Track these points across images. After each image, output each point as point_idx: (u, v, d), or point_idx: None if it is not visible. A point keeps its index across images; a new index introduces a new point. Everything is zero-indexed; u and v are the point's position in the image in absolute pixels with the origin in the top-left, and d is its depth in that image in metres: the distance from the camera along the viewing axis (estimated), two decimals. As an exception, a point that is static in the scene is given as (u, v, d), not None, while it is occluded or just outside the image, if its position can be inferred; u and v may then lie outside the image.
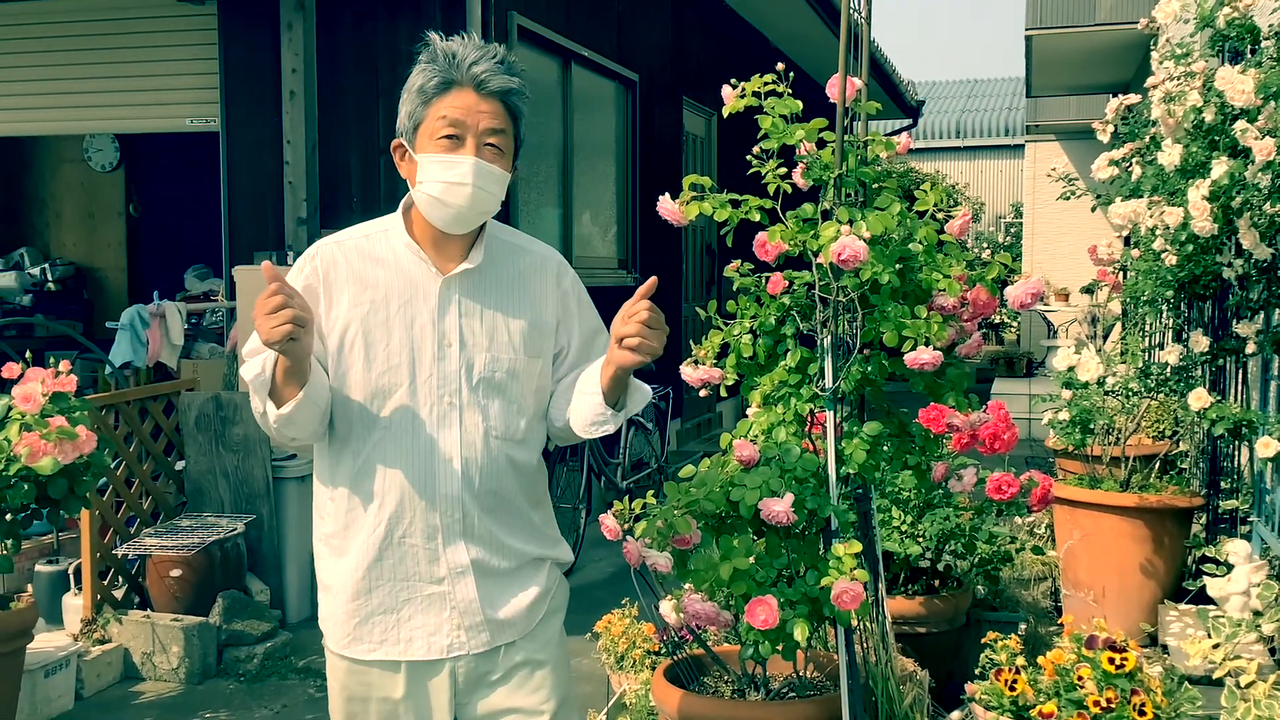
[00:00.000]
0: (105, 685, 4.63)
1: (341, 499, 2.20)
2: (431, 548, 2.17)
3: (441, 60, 2.12)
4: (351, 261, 2.18)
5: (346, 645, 2.21)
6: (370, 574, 2.18)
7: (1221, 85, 3.58)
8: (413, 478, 2.16)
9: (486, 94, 2.12)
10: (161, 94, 6.74)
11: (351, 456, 2.17)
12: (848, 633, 2.81)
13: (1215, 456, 5.09)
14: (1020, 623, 4.28)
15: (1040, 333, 13.94)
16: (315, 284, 2.16)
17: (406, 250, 2.19)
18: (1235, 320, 4.49)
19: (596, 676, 4.49)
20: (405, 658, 2.19)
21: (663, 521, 2.63)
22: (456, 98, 2.11)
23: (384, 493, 2.16)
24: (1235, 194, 3.84)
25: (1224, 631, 3.59)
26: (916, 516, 4.03)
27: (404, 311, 2.15)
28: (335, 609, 2.22)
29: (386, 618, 2.19)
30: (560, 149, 7.50)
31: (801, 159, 2.89)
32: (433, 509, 2.16)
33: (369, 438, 2.16)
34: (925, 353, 2.69)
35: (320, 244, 2.22)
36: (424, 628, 2.19)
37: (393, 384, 2.15)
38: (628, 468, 6.92)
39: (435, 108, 2.11)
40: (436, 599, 2.19)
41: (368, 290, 2.16)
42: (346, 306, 2.15)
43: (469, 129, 2.11)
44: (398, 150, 2.21)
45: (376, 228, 2.24)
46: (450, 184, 2.10)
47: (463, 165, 2.10)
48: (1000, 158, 23.28)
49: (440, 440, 2.16)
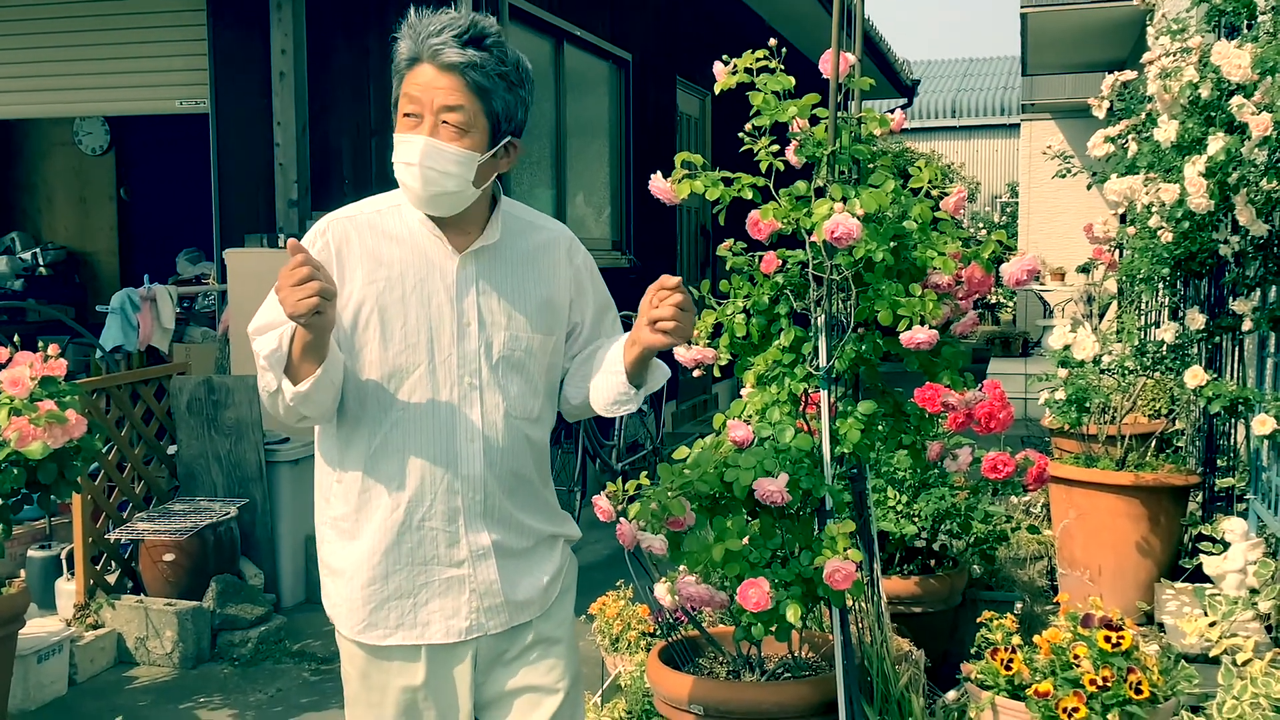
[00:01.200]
0: (99, 670, 4.61)
1: (354, 482, 2.15)
2: (452, 530, 2.14)
3: (410, 34, 2.07)
4: (364, 237, 2.12)
5: (361, 631, 2.16)
6: (387, 558, 2.13)
7: (1218, 60, 3.55)
8: (434, 459, 2.11)
9: (442, 68, 2.04)
10: (151, 76, 6.70)
11: (366, 438, 2.12)
12: (842, 613, 2.80)
13: (1211, 434, 5.08)
14: (1016, 602, 4.27)
15: (1036, 312, 13.91)
16: (328, 259, 2.10)
17: (421, 226, 2.13)
18: (1232, 297, 4.46)
19: (591, 658, 4.48)
20: (423, 642, 2.15)
21: (656, 503, 2.61)
22: (418, 74, 2.05)
23: (402, 475, 2.11)
24: (1232, 170, 3.81)
25: (1220, 609, 3.58)
26: (912, 496, 4.02)
27: (420, 289, 2.10)
28: (348, 594, 2.17)
29: (403, 602, 2.14)
30: (553, 130, 7.45)
31: (794, 136, 2.86)
32: (454, 491, 2.12)
33: (385, 418, 2.11)
34: (920, 331, 2.67)
35: (330, 218, 2.16)
36: (441, 611, 2.15)
37: (411, 363, 2.10)
38: (623, 450, 6.91)
39: (403, 85, 2.08)
40: (455, 582, 2.15)
41: (382, 267, 2.10)
42: (360, 284, 2.10)
43: (426, 106, 2.05)
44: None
45: (388, 202, 2.18)
46: (403, 164, 2.06)
47: (413, 144, 2.04)
48: (996, 137, 23.22)
49: (461, 421, 2.12)
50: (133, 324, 6.37)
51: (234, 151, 6.37)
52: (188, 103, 6.56)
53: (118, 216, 10.13)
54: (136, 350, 6.31)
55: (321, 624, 5.01)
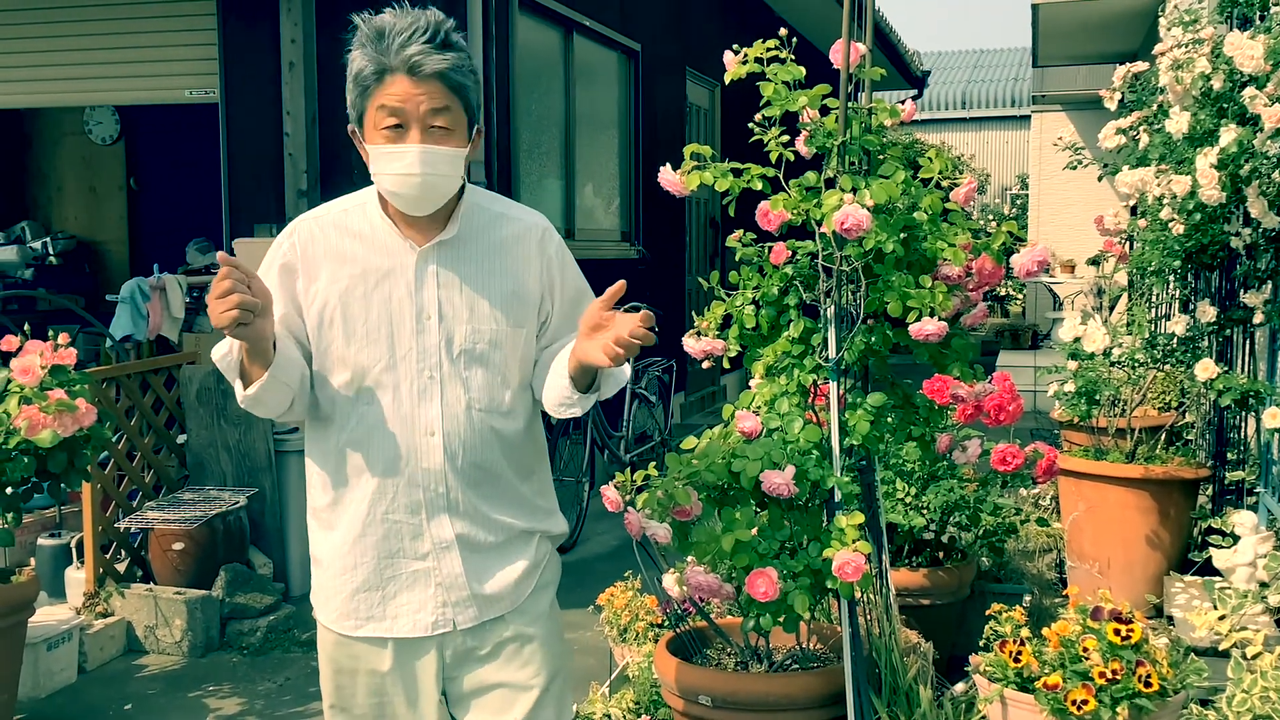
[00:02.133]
0: (108, 658, 4.63)
1: (328, 474, 2.22)
2: (415, 523, 2.17)
3: (371, 45, 2.06)
4: (329, 237, 2.17)
5: (335, 620, 2.23)
6: (356, 549, 2.19)
7: (1230, 51, 3.54)
8: (394, 453, 2.15)
9: (422, 78, 2.04)
10: (161, 65, 6.68)
11: (336, 432, 2.18)
12: (850, 604, 2.79)
13: (1222, 428, 5.06)
14: (1025, 595, 4.27)
15: (1046, 305, 13.87)
16: (294, 261, 2.16)
17: (383, 222, 2.16)
18: (1243, 290, 4.45)
19: (599, 649, 4.49)
20: (390, 635, 2.20)
21: (663, 493, 2.61)
22: (392, 85, 2.04)
23: (367, 468, 2.16)
24: (1244, 162, 3.80)
25: (1230, 603, 3.57)
26: (920, 488, 4.01)
27: (381, 285, 2.14)
28: (325, 582, 2.25)
29: (372, 594, 2.19)
30: (562, 120, 7.44)
31: (804, 126, 2.85)
32: (415, 484, 2.16)
33: (352, 413, 2.16)
34: (930, 323, 2.66)
35: (299, 221, 2.21)
36: (409, 605, 2.19)
37: (372, 359, 2.14)
38: (631, 441, 6.90)
39: (374, 98, 2.07)
40: (421, 575, 2.19)
41: (345, 265, 2.14)
42: (325, 283, 2.14)
43: (410, 116, 2.05)
44: (355, 137, 2.17)
45: (354, 201, 2.21)
46: (399, 175, 2.07)
47: (409, 154, 2.05)
48: (1006, 129, 23.13)
49: (421, 414, 2.14)
50: (143, 313, 6.37)
51: (244, 141, 6.36)
52: (197, 92, 6.56)
53: (128, 206, 10.13)
54: (146, 339, 6.32)
55: (330, 613, 5.02)
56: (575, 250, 7.89)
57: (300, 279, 2.15)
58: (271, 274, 2.16)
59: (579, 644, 4.74)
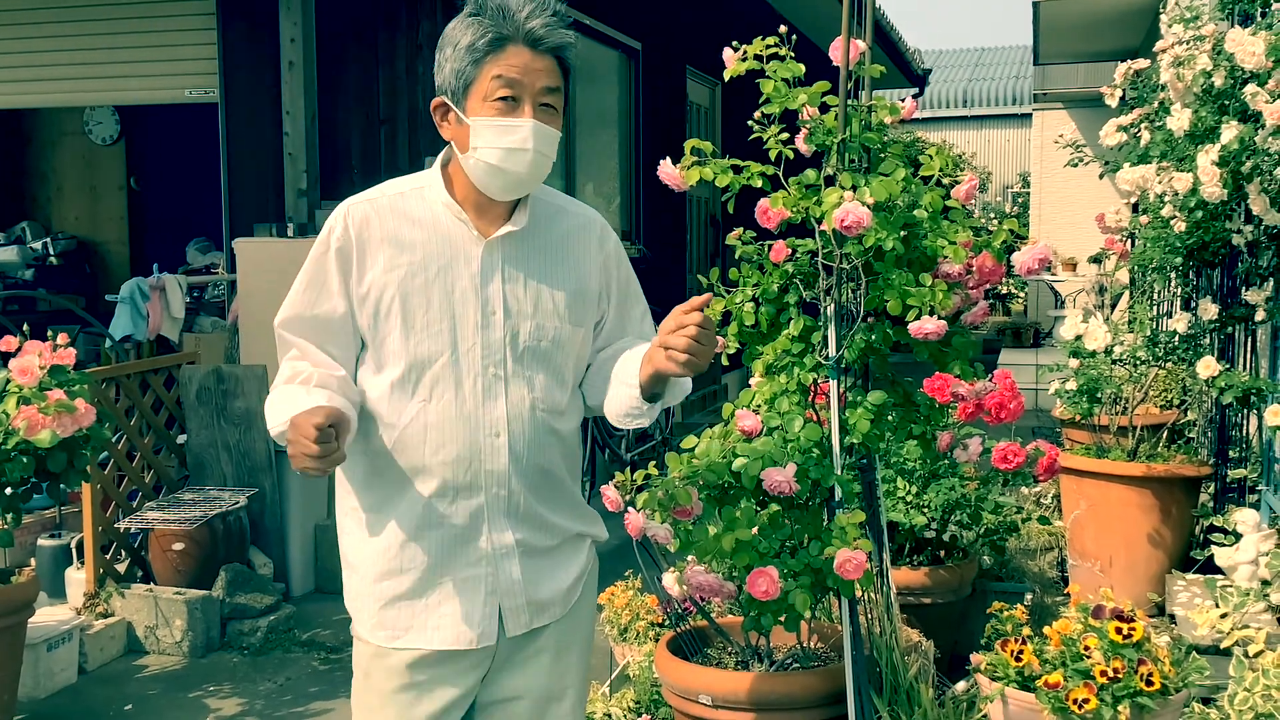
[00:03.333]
0: (109, 659, 4.63)
1: (374, 474, 2.07)
2: (473, 528, 2.05)
3: (492, 13, 1.98)
4: (385, 221, 2.04)
5: (370, 629, 2.09)
6: (403, 554, 2.05)
7: (1232, 48, 3.53)
8: (456, 453, 2.03)
9: (542, 50, 1.99)
10: (161, 65, 6.69)
11: (387, 429, 2.04)
12: (851, 603, 2.79)
13: (1224, 425, 5.05)
14: (1026, 593, 4.26)
15: (1047, 303, 13.86)
16: (348, 245, 2.03)
17: (446, 210, 2.05)
18: (1244, 288, 4.43)
19: (600, 649, 4.47)
20: (431, 647, 2.06)
21: (664, 492, 2.60)
22: (512, 56, 1.97)
23: (424, 469, 2.03)
24: (1245, 159, 3.79)
25: (1232, 601, 3.56)
26: (921, 487, 4.00)
27: (443, 276, 2.02)
28: (360, 589, 2.10)
29: (414, 603, 2.06)
30: (563, 119, 7.43)
31: (804, 124, 2.84)
32: (477, 486, 2.04)
33: (406, 409, 2.03)
34: (929, 321, 2.65)
35: (351, 202, 2.08)
36: (452, 615, 2.05)
37: (434, 353, 2.02)
38: (632, 440, 6.90)
39: (488, 67, 1.97)
40: (472, 582, 2.06)
41: (404, 252, 2.02)
42: (381, 270, 2.02)
43: (526, 89, 1.98)
44: (439, 109, 2.05)
45: (411, 184, 2.10)
46: (510, 150, 1.98)
47: (523, 129, 1.98)
48: (1008, 127, 23.11)
49: (486, 413, 2.03)
50: (142, 313, 6.37)
51: (243, 141, 6.36)
52: (197, 92, 6.56)
53: (128, 206, 10.14)
54: (146, 339, 6.32)
55: (331, 614, 5.02)
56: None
57: (355, 266, 2.03)
58: (328, 263, 2.05)
59: (580, 643, 4.73)
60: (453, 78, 2.00)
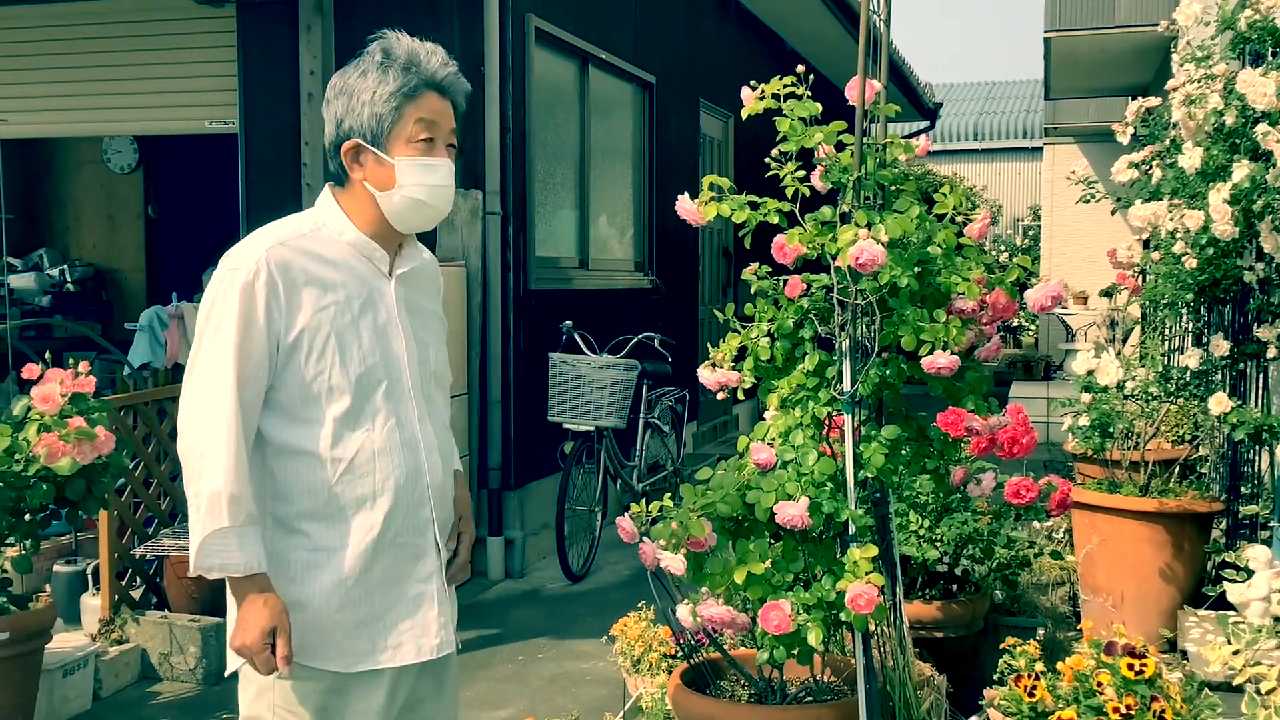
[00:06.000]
0: (123, 685, 4.64)
1: (322, 509, 2.12)
2: (421, 543, 2.20)
3: (405, 63, 2.14)
4: (302, 262, 2.11)
5: (331, 660, 2.12)
6: (361, 581, 2.13)
7: (1243, 88, 3.56)
8: (403, 474, 2.16)
9: (448, 96, 2.19)
10: (181, 96, 6.77)
11: (330, 464, 2.11)
12: (864, 637, 2.80)
13: (1235, 461, 5.06)
14: (1038, 628, 4.25)
15: (1058, 336, 13.87)
16: (275, 288, 2.06)
17: (350, 249, 2.17)
18: (1256, 324, 4.46)
19: (613, 680, 4.49)
20: (394, 664, 2.16)
21: (678, 524, 2.63)
22: (428, 100, 2.15)
23: (376, 494, 2.13)
24: (1256, 197, 3.82)
25: (1244, 638, 3.55)
26: (934, 521, 4.01)
27: (365, 312, 2.16)
28: (315, 624, 2.12)
29: (375, 625, 2.15)
30: (578, 151, 7.50)
31: (820, 162, 2.88)
32: (423, 503, 2.20)
33: (350, 440, 2.12)
34: (942, 357, 2.68)
35: (264, 245, 2.09)
36: (413, 630, 2.18)
37: (373, 384, 2.14)
38: (644, 470, 6.91)
39: (410, 111, 2.13)
40: (426, 596, 2.20)
41: (328, 292, 2.12)
42: (310, 310, 2.09)
43: (439, 131, 2.17)
44: (351, 152, 2.16)
45: (308, 224, 2.17)
46: (435, 186, 2.16)
47: (443, 167, 2.17)
48: (1018, 160, 23.19)
49: (423, 434, 2.21)
50: (160, 341, 6.42)
51: (262, 171, 6.43)
52: (217, 123, 6.64)
53: (145, 234, 10.22)
54: (164, 367, 6.37)
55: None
56: (589, 281, 7.91)
57: (284, 308, 2.07)
58: (256, 305, 2.05)
59: (592, 674, 4.74)
60: (372, 121, 2.13)
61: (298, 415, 2.11)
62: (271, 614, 2.05)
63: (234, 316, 2.05)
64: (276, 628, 2.05)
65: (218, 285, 2.09)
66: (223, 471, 2.01)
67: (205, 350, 2.08)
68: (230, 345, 2.04)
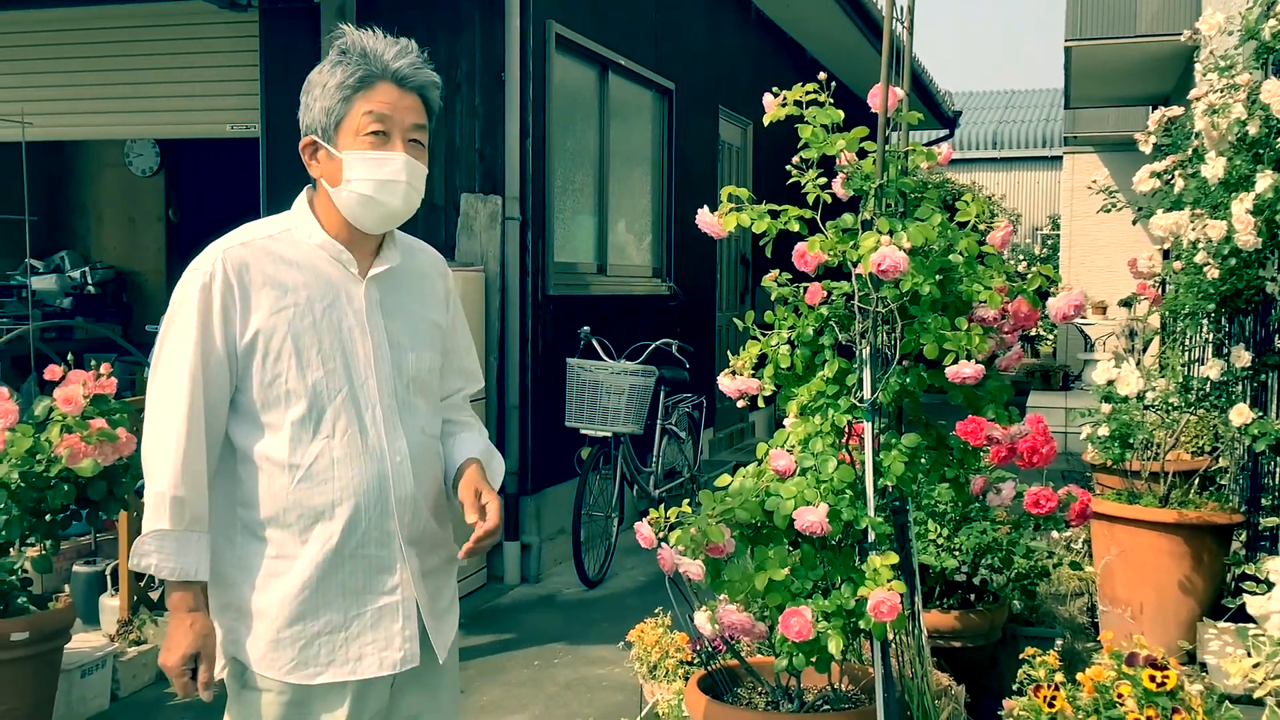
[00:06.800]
0: (141, 686, 4.66)
1: (281, 516, 2.07)
2: (385, 556, 2.12)
3: (358, 55, 2.08)
4: (262, 264, 2.07)
5: (288, 671, 2.07)
6: (319, 591, 2.07)
7: (1268, 98, 3.55)
8: (365, 484, 2.09)
9: (409, 89, 2.10)
10: (202, 100, 6.81)
11: (289, 470, 2.06)
12: (884, 645, 2.79)
13: (1256, 473, 5.03)
14: (1057, 638, 4.24)
15: (1077, 345, 13.83)
16: (230, 290, 2.04)
17: (320, 251, 2.12)
18: (1278, 336, 4.43)
19: (629, 686, 4.48)
20: (354, 677, 2.10)
21: (697, 530, 2.62)
22: (381, 93, 2.08)
23: (333, 504, 2.07)
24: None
25: (1265, 650, 3.53)
26: (953, 530, 4.00)
27: (329, 314, 2.09)
28: (270, 634, 2.08)
29: (334, 637, 2.09)
30: (597, 157, 7.51)
31: (842, 169, 2.88)
32: (388, 515, 2.11)
33: (308, 448, 2.06)
34: (967, 366, 2.67)
35: (223, 247, 2.08)
36: (375, 643, 2.11)
37: (332, 389, 2.08)
38: (660, 476, 6.91)
39: (358, 104, 2.07)
40: (389, 611, 2.12)
41: (288, 294, 2.07)
42: (267, 313, 2.05)
43: (395, 125, 2.09)
44: (308, 149, 2.14)
45: (277, 226, 2.15)
46: (384, 181, 2.07)
47: (395, 161, 2.08)
48: (1037, 169, 23.13)
49: (389, 443, 2.12)
50: (180, 343, 6.45)
51: (283, 175, 6.46)
52: (238, 127, 6.67)
53: (166, 237, 10.28)
54: (183, 369, 6.39)
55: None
56: (607, 287, 7.91)
57: (238, 311, 2.04)
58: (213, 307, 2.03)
59: (608, 680, 4.74)
60: (322, 116, 2.10)
61: (258, 420, 2.07)
62: (195, 638, 2.02)
63: (192, 318, 2.03)
64: (200, 653, 2.02)
65: (180, 288, 2.08)
66: (169, 474, 2.01)
67: (164, 352, 2.07)
68: (187, 347, 2.03)
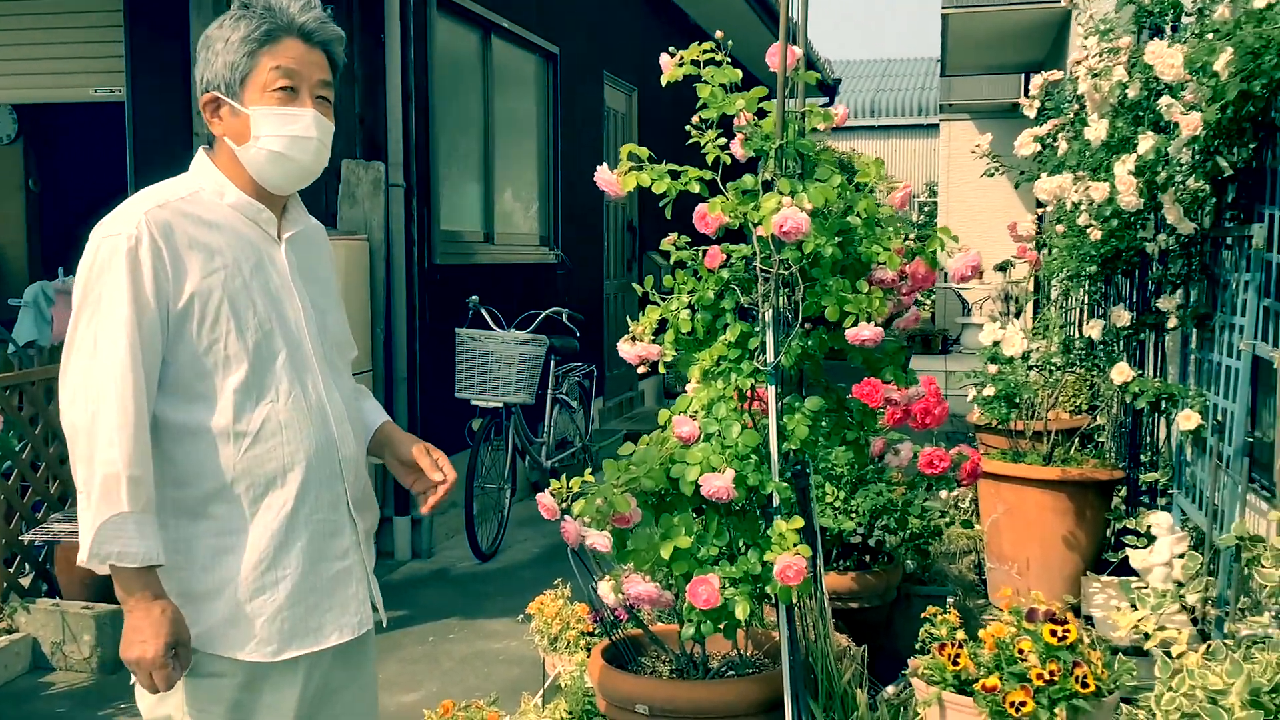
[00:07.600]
0: (12, 676, 4.45)
1: (229, 488, 1.97)
2: (336, 519, 2.07)
3: (262, 10, 2.00)
4: (184, 226, 1.96)
5: (249, 650, 1.98)
6: (278, 563, 1.98)
7: (1151, 59, 3.61)
8: (314, 447, 2.03)
9: (314, 44, 2.04)
10: (63, 62, 6.48)
11: (234, 439, 1.96)
12: (789, 610, 2.78)
13: (1135, 430, 5.17)
14: (949, 596, 4.31)
15: (955, 310, 14.12)
16: (159, 253, 1.92)
17: (233, 212, 2.03)
18: (1155, 295, 4.55)
19: (527, 659, 4.43)
20: (317, 647, 2.04)
21: (602, 500, 2.58)
22: (288, 48, 2.01)
23: (286, 469, 1.99)
24: (1160, 169, 3.88)
25: (1149, 602, 3.63)
26: (850, 492, 4.03)
27: (256, 277, 2.02)
28: (225, 613, 1.97)
29: (296, 609, 2.01)
30: (482, 122, 7.37)
31: (741, 130, 2.84)
32: (336, 476, 2.07)
33: (252, 414, 1.97)
34: (867, 328, 2.66)
35: (143, 208, 1.94)
36: (333, 610, 2.06)
37: (272, 352, 2.00)
38: (552, 447, 6.85)
39: (265, 59, 1.99)
40: (342, 575, 2.08)
41: (215, 256, 1.97)
42: (199, 276, 1.95)
43: (304, 80, 2.02)
44: (209, 106, 2.04)
45: (186, 187, 2.03)
46: (295, 138, 2.01)
47: (305, 118, 2.02)
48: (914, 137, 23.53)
49: (331, 404, 2.08)
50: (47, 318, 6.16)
51: (151, 141, 6.18)
52: (103, 91, 6.36)
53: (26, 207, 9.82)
54: (51, 345, 6.11)
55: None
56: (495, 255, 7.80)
57: (170, 274, 1.92)
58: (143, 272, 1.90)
59: (505, 654, 4.67)
60: (225, 71, 2.01)
61: (193, 390, 1.95)
62: (171, 625, 1.88)
63: (122, 285, 1.89)
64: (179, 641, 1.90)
65: (95, 254, 1.92)
66: (120, 452, 1.86)
67: (90, 324, 1.91)
68: (120, 316, 1.88)
